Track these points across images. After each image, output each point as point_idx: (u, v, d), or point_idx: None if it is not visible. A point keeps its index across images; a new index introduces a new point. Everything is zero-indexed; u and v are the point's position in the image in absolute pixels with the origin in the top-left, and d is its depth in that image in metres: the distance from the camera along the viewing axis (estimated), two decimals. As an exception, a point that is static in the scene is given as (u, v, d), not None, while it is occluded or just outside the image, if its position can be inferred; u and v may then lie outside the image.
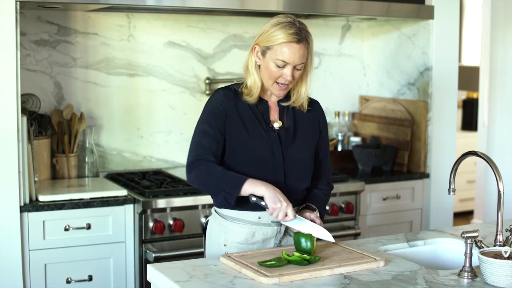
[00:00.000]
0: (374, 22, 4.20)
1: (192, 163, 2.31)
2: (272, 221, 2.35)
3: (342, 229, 3.57)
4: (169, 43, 3.79)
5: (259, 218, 2.34)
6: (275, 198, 2.21)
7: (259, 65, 2.34)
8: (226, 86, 2.42)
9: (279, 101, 2.42)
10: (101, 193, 3.15)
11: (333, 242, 2.32)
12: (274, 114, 2.40)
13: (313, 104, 2.48)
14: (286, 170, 2.35)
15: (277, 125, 2.38)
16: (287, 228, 2.38)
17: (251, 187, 2.24)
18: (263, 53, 2.31)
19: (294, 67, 2.29)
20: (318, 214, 2.37)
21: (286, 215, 2.22)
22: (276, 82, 2.31)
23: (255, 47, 2.33)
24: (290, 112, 2.42)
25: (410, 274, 2.10)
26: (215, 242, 2.40)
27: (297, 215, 2.27)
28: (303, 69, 2.33)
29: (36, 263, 3.00)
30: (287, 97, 2.41)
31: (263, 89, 2.38)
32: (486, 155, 2.22)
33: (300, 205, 2.42)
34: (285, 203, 2.21)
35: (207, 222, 2.48)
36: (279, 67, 2.28)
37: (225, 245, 2.36)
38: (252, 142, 2.33)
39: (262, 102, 2.39)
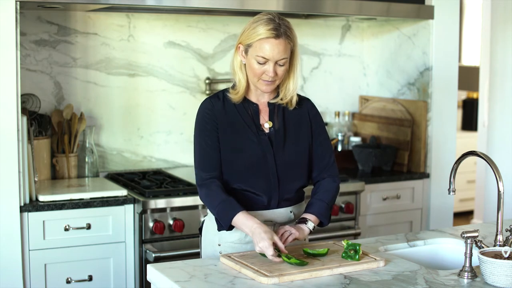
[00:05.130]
0: (374, 22, 4.20)
1: (197, 184, 2.36)
2: (265, 221, 2.34)
3: (342, 229, 3.57)
4: (169, 43, 3.79)
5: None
6: (258, 242, 2.15)
7: (245, 64, 2.33)
8: (214, 94, 2.41)
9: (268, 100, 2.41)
10: (101, 193, 3.15)
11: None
12: (264, 116, 2.39)
13: (303, 101, 2.45)
14: (280, 173, 2.34)
15: (267, 126, 2.37)
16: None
17: (238, 226, 2.25)
18: (246, 51, 2.30)
19: (276, 63, 2.27)
20: (310, 228, 2.33)
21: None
22: (261, 78, 2.30)
23: (239, 46, 2.33)
24: (280, 112, 2.40)
25: (410, 274, 2.10)
26: (210, 242, 2.41)
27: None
28: (288, 64, 2.31)
29: (36, 263, 3.00)
30: (276, 94, 2.40)
31: (251, 90, 2.38)
32: (486, 155, 2.22)
33: (295, 203, 2.42)
34: (267, 243, 2.13)
35: (203, 222, 2.49)
36: (260, 63, 2.26)
37: (219, 245, 2.37)
38: (244, 147, 2.33)
39: (252, 105, 2.38)
